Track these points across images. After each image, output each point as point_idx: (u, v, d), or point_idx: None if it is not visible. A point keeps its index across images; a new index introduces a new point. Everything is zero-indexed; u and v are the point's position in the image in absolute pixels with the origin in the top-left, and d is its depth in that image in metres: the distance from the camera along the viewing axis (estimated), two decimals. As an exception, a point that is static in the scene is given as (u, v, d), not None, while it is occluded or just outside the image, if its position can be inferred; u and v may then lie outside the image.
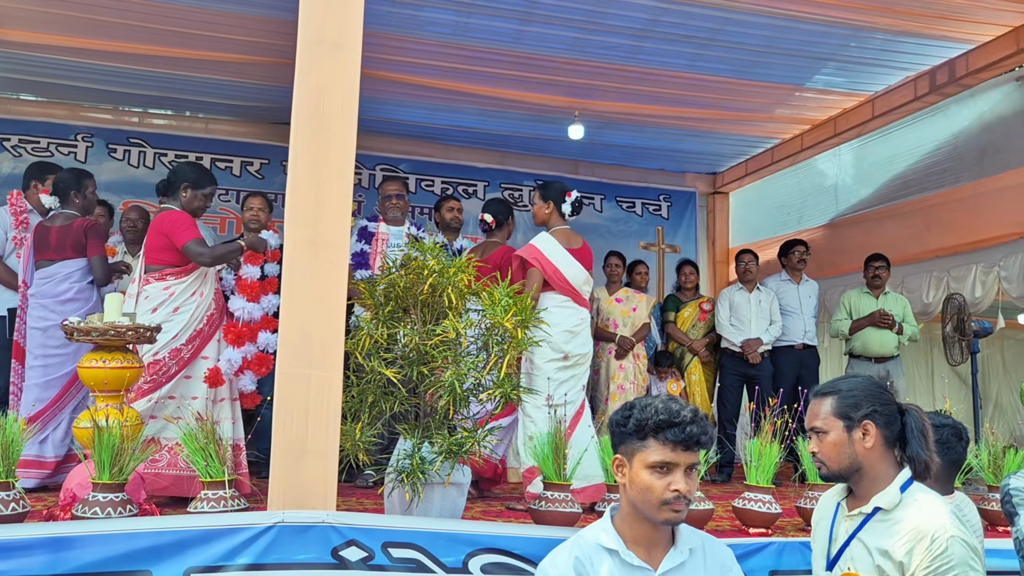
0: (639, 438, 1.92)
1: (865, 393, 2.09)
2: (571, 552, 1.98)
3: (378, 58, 6.61)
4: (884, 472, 2.05)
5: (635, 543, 1.96)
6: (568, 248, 4.53)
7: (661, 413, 1.90)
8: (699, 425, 1.90)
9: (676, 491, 1.88)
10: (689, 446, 1.90)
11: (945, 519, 1.95)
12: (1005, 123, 6.52)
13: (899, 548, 1.94)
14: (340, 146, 2.88)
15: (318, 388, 2.77)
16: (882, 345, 6.28)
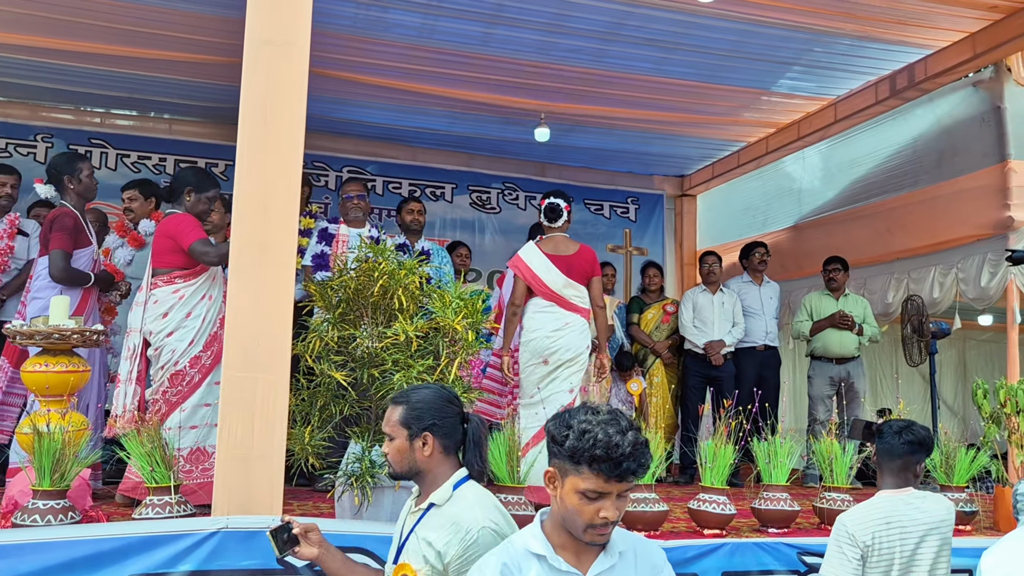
0: (573, 462, 1.86)
1: (429, 407, 2.29)
2: (499, 558, 1.94)
3: (344, 60, 6.58)
4: (442, 474, 2.26)
5: (563, 548, 1.93)
6: (553, 254, 4.72)
7: (599, 447, 1.82)
8: (637, 459, 1.84)
9: (605, 519, 1.85)
10: (623, 478, 1.84)
11: (479, 512, 2.14)
12: (963, 127, 6.61)
13: (440, 538, 2.11)
14: (288, 147, 2.84)
15: (264, 392, 2.74)
16: (842, 346, 6.34)
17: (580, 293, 4.74)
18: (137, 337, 4.02)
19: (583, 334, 4.67)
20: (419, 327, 2.96)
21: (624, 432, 1.84)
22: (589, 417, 1.88)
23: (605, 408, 1.92)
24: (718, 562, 3.35)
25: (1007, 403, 3.97)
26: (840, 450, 3.94)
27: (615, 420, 1.87)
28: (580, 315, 4.68)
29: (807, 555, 3.47)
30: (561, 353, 4.55)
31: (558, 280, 4.66)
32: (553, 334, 4.55)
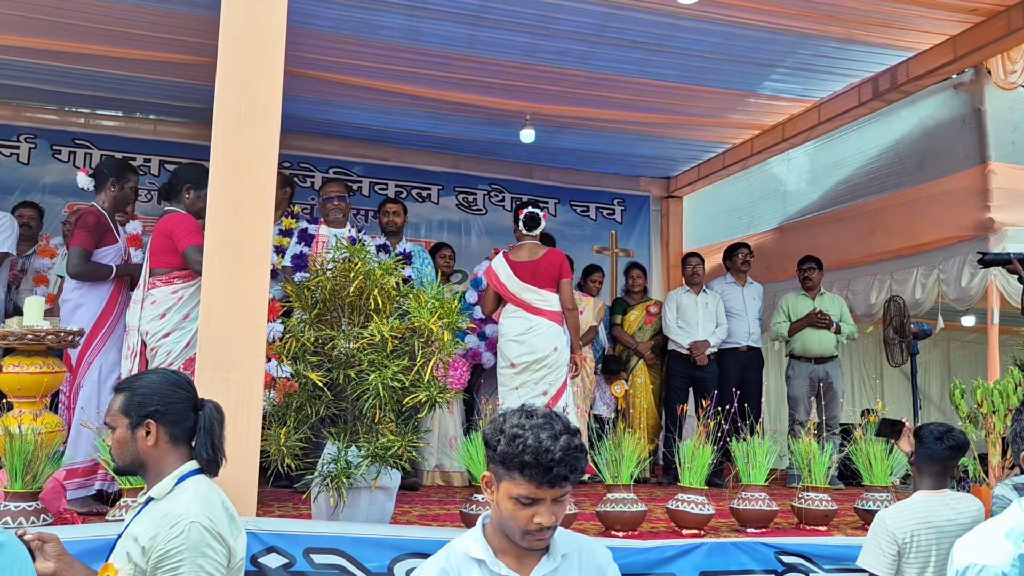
0: (505, 468, 1.81)
1: (152, 393, 2.10)
2: (438, 564, 1.91)
3: (329, 61, 6.58)
4: (168, 465, 2.09)
5: (504, 553, 1.89)
6: (516, 260, 4.92)
7: (528, 453, 1.77)
8: (568, 464, 1.79)
9: (540, 524, 1.80)
10: (555, 484, 1.79)
11: (192, 506, 1.99)
12: (944, 129, 6.65)
13: (146, 532, 1.98)
14: (262, 147, 2.84)
15: (238, 393, 2.73)
16: (821, 345, 6.36)
17: (543, 297, 4.90)
18: (135, 336, 3.98)
19: (549, 337, 4.81)
20: (395, 328, 2.96)
21: (557, 437, 1.79)
22: (522, 421, 1.83)
23: (541, 411, 1.86)
24: (695, 562, 3.35)
25: (983, 403, 3.99)
26: (818, 450, 3.95)
27: (549, 424, 1.82)
28: (546, 318, 4.84)
29: (784, 554, 3.48)
30: (526, 356, 4.73)
31: (516, 285, 4.87)
32: (519, 337, 4.76)
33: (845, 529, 4.01)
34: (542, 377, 4.71)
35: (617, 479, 3.63)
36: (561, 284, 4.95)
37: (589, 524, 3.91)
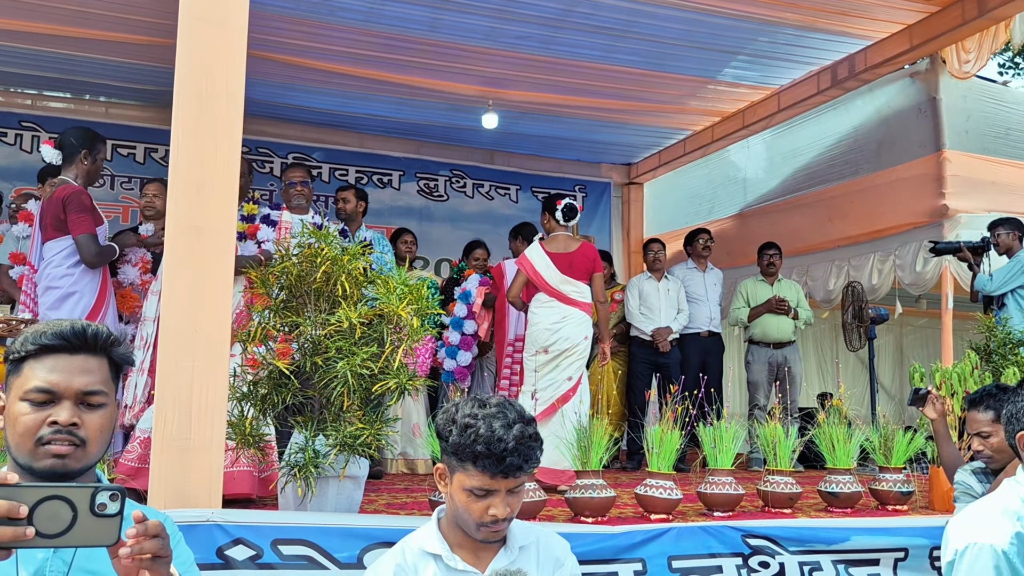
0: (458, 459, 1.78)
1: None
2: (393, 559, 1.86)
3: (289, 43, 6.45)
4: None
5: (460, 547, 1.86)
6: (554, 252, 5.03)
7: (480, 442, 1.73)
8: (521, 454, 1.74)
9: (494, 516, 1.77)
10: (509, 474, 1.75)
11: None
12: (901, 117, 6.77)
13: None
14: (225, 128, 2.75)
15: (202, 380, 2.66)
16: (780, 331, 6.45)
17: (579, 289, 5.04)
18: (151, 327, 3.90)
19: (581, 326, 4.97)
20: (363, 314, 2.90)
21: (510, 426, 1.75)
22: (475, 411, 1.78)
23: (495, 400, 1.82)
24: (664, 547, 3.36)
25: (942, 386, 4.07)
26: (783, 434, 4.00)
27: (502, 413, 1.78)
28: (579, 309, 4.99)
29: (751, 537, 3.51)
30: (560, 343, 4.88)
31: (555, 277, 4.99)
32: (552, 326, 4.90)
33: (809, 511, 4.07)
34: (569, 364, 4.89)
35: (587, 465, 3.63)
36: (594, 277, 5.10)
37: (558, 511, 3.91)
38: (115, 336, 1.50)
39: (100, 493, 1.14)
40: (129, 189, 7.52)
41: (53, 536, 1.12)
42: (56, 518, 1.12)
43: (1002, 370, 4.14)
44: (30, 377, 1.42)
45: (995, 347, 4.39)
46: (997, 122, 6.61)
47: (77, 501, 1.13)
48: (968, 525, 1.90)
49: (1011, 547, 1.80)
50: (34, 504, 1.11)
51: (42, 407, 1.41)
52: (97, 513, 1.14)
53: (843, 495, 4.02)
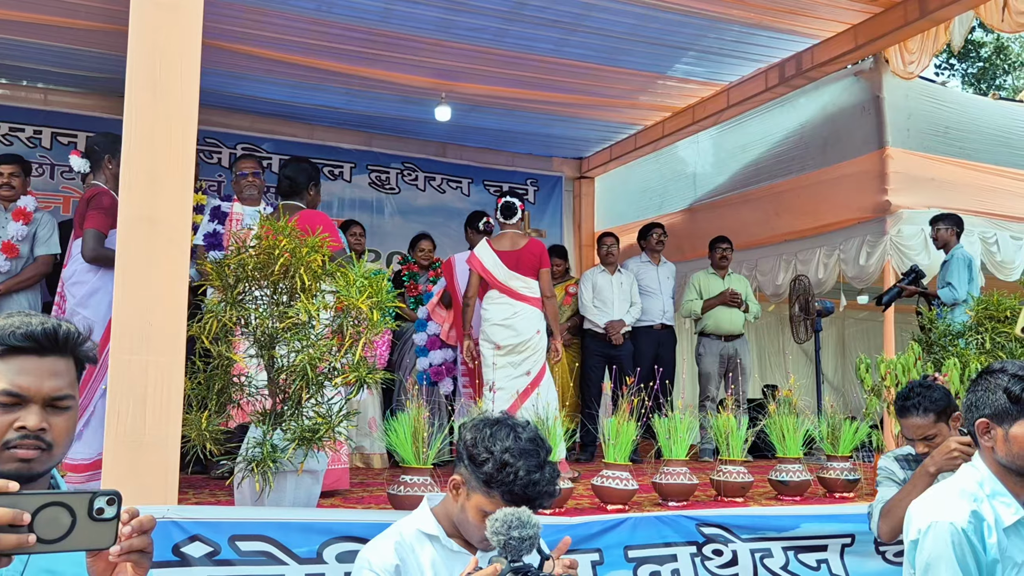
0: (486, 486, 1.85)
1: None
2: (392, 537, 1.96)
3: (238, 31, 6.32)
4: None
5: (454, 535, 1.98)
6: (501, 250, 5.15)
7: (517, 485, 1.81)
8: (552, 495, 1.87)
9: None
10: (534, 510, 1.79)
11: None
12: (845, 115, 6.94)
13: None
14: (180, 116, 2.69)
15: (156, 375, 2.60)
16: (732, 323, 6.56)
17: (527, 284, 5.13)
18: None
19: (532, 321, 5.08)
20: (324, 305, 2.87)
21: (543, 467, 1.85)
22: (511, 445, 1.85)
23: (527, 433, 1.89)
24: (621, 537, 3.40)
25: (887, 376, 4.20)
26: (736, 425, 4.07)
27: (536, 451, 1.86)
28: (529, 304, 5.11)
29: (705, 526, 3.58)
30: (511, 338, 5.00)
31: (503, 273, 5.10)
32: (504, 321, 5.03)
33: (760, 500, 4.16)
34: (525, 358, 5.00)
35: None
36: (541, 273, 5.19)
37: (514, 502, 3.92)
38: (84, 335, 1.45)
39: (98, 498, 1.16)
40: (70, 179, 7.29)
41: (53, 541, 1.12)
42: (56, 524, 1.12)
43: (943, 361, 4.29)
44: None
45: (935, 339, 4.54)
46: (937, 121, 6.82)
47: (76, 507, 1.14)
48: (929, 506, 2.00)
49: (969, 525, 1.92)
50: (35, 511, 1.11)
51: (8, 410, 1.35)
52: (95, 517, 1.15)
53: (793, 483, 4.12)
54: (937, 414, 2.97)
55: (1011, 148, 7.15)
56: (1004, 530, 1.95)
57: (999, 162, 7.01)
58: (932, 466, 2.83)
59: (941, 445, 2.88)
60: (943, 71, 19.84)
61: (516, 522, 1.60)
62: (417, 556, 1.95)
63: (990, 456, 2.04)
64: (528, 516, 1.62)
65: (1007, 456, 2.00)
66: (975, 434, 2.07)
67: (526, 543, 1.61)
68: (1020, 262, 6.74)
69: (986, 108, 7.34)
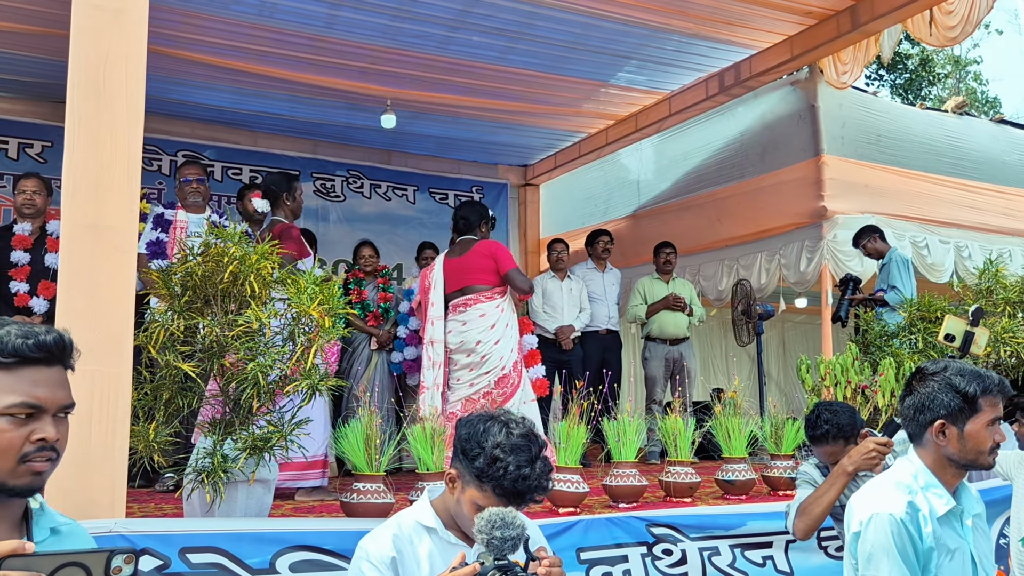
0: (478, 480, 1.89)
1: None
2: (391, 530, 1.99)
3: (179, 36, 6.21)
4: None
5: (452, 526, 2.01)
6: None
7: (507, 480, 1.84)
8: (542, 489, 1.90)
9: None
10: (524, 505, 1.90)
11: None
12: (783, 123, 7.14)
13: None
14: (125, 122, 2.64)
15: (103, 386, 2.54)
16: (676, 327, 6.67)
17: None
18: (440, 348, 4.74)
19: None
20: (273, 314, 2.85)
21: (533, 462, 1.88)
22: (503, 441, 1.88)
23: (520, 428, 1.92)
24: (573, 539, 3.44)
25: (826, 376, 4.33)
26: (683, 426, 4.15)
27: (527, 446, 1.89)
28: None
29: (655, 526, 3.64)
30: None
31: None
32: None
33: (707, 499, 4.24)
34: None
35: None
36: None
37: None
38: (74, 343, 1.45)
39: (116, 557, 1.12)
40: (1, 187, 7.06)
41: None
42: None
43: (879, 361, 4.44)
44: (9, 390, 1.32)
45: (871, 339, 4.70)
46: (870, 129, 7.06)
47: (93, 566, 1.10)
48: (870, 498, 2.10)
49: (906, 515, 2.01)
50: (50, 572, 1.08)
51: (24, 422, 1.33)
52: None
53: (739, 483, 4.22)
54: (846, 439, 3.16)
55: (938, 155, 7.45)
56: (938, 520, 2.05)
57: (928, 169, 7.30)
58: (850, 465, 2.99)
59: (859, 445, 3.03)
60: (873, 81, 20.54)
61: (500, 522, 1.64)
62: (415, 548, 1.98)
63: (935, 452, 2.11)
64: (513, 516, 1.65)
65: (960, 452, 2.08)
66: (920, 434, 2.14)
67: (508, 543, 1.64)
68: (949, 265, 7.02)
69: (915, 117, 7.64)
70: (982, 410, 2.07)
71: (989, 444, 2.07)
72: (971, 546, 2.10)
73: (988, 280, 4.70)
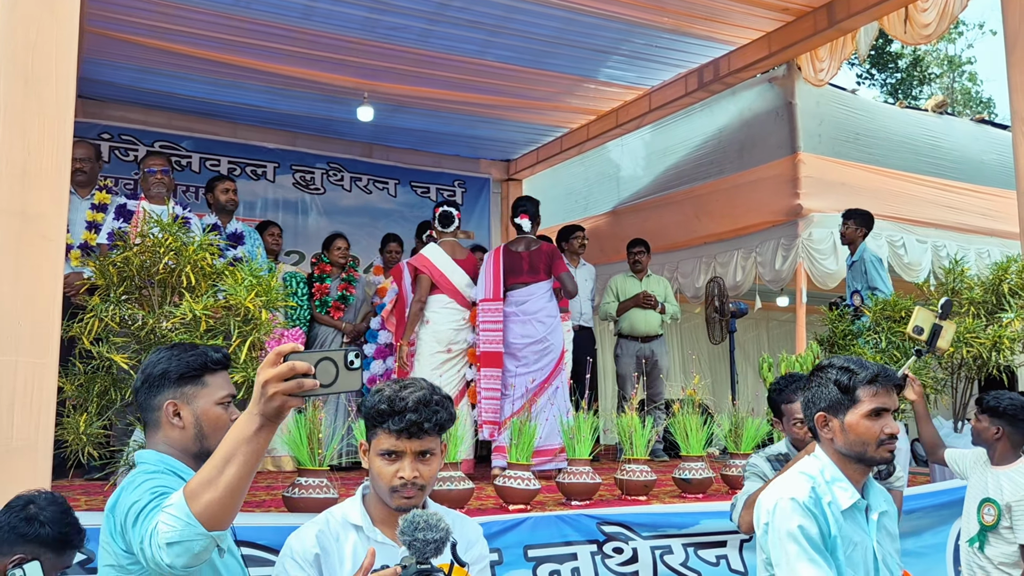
0: (370, 426, 1.92)
1: None
2: (317, 526, 1.97)
3: (154, 26, 6.17)
4: None
5: (382, 522, 1.96)
6: (453, 258, 5.36)
7: (382, 402, 1.87)
8: (422, 412, 1.86)
9: (402, 479, 1.87)
10: (414, 434, 1.86)
11: None
12: (760, 120, 7.10)
13: None
14: (55, 107, 2.59)
15: (26, 377, 2.50)
16: (647, 324, 6.62)
17: (472, 291, 5.38)
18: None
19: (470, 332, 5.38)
20: (208, 306, 2.81)
21: (416, 390, 1.89)
22: (389, 384, 1.94)
23: (420, 382, 1.95)
24: (520, 536, 3.41)
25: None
26: (640, 424, 4.12)
27: (414, 384, 1.92)
28: (469, 310, 5.38)
29: (606, 524, 3.61)
30: (461, 344, 5.29)
31: (462, 280, 5.33)
32: (456, 327, 5.30)
33: (664, 498, 4.21)
34: (461, 360, 5.31)
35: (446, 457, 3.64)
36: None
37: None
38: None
39: (349, 353, 1.52)
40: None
41: (327, 386, 1.49)
42: (327, 373, 1.49)
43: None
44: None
45: (836, 338, 4.67)
46: (848, 127, 7.02)
47: (337, 360, 1.50)
48: (773, 490, 2.14)
49: (809, 499, 2.04)
50: (315, 363, 1.48)
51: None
52: (349, 367, 1.50)
53: (695, 481, 4.18)
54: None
55: (917, 154, 7.41)
56: (842, 512, 2.06)
57: (906, 168, 7.26)
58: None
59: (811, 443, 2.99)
60: (864, 80, 20.48)
61: (423, 523, 1.61)
62: (340, 545, 1.94)
63: (830, 447, 2.14)
64: (437, 519, 1.62)
65: (845, 444, 2.10)
66: (815, 428, 2.16)
67: (431, 545, 1.60)
68: (926, 264, 6.98)
69: (894, 116, 7.59)
70: (860, 400, 2.08)
71: (876, 436, 2.06)
72: (873, 542, 2.10)
73: (954, 280, 4.66)
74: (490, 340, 5.23)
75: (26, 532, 1.95)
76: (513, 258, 5.36)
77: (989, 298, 4.45)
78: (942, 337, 3.67)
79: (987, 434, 3.41)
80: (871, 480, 2.19)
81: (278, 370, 1.43)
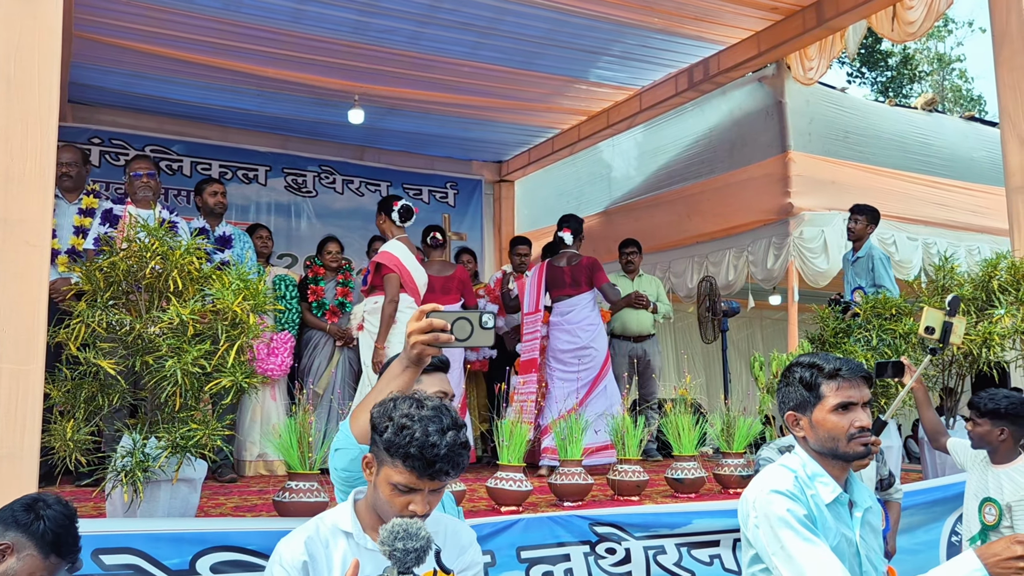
0: (389, 455, 1.83)
1: None
2: (306, 532, 1.93)
3: (145, 31, 6.16)
4: None
5: (373, 529, 1.92)
6: (431, 275, 5.34)
7: (413, 445, 1.78)
8: (451, 461, 1.81)
9: (413, 512, 1.82)
10: (435, 477, 1.81)
11: None
12: (751, 119, 7.10)
13: None
14: (38, 112, 2.58)
15: (11, 384, 2.48)
16: (639, 324, 6.59)
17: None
18: None
19: None
20: (195, 310, 2.79)
21: (444, 432, 1.81)
22: (412, 411, 1.83)
23: (432, 402, 1.86)
24: (513, 538, 3.40)
25: (779, 373, 4.29)
26: (632, 424, 4.11)
27: (438, 417, 1.83)
28: None
29: (598, 525, 3.59)
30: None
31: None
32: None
33: (656, 498, 4.20)
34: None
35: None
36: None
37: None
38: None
39: (484, 315, 1.77)
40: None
41: (463, 340, 1.78)
42: (463, 330, 1.77)
43: (834, 358, 4.39)
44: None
45: (827, 337, 4.67)
46: (837, 125, 7.03)
47: (472, 319, 1.77)
48: (757, 485, 2.12)
49: (794, 487, 2.05)
50: (452, 321, 1.77)
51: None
52: (483, 327, 1.78)
53: (688, 481, 4.18)
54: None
55: (907, 152, 7.43)
56: (826, 506, 2.06)
57: (896, 166, 7.27)
58: None
59: None
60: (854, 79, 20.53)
61: (403, 532, 1.57)
62: (329, 552, 1.91)
63: (806, 445, 2.14)
64: (417, 527, 1.58)
65: (817, 441, 2.10)
66: (789, 428, 2.16)
67: (412, 555, 1.57)
68: (917, 261, 7.00)
69: (883, 114, 7.61)
70: (824, 396, 2.08)
71: (845, 430, 2.05)
72: (857, 538, 2.09)
73: (945, 277, 4.67)
74: (528, 349, 5.70)
75: (22, 520, 1.94)
76: (556, 272, 5.66)
77: (979, 295, 4.46)
78: (954, 333, 3.63)
79: (990, 437, 3.34)
80: (853, 476, 2.18)
81: (419, 324, 1.76)
